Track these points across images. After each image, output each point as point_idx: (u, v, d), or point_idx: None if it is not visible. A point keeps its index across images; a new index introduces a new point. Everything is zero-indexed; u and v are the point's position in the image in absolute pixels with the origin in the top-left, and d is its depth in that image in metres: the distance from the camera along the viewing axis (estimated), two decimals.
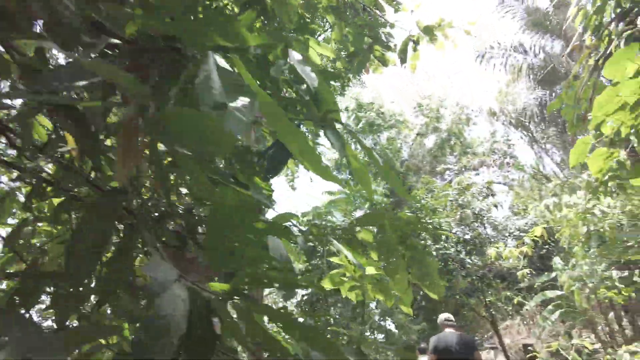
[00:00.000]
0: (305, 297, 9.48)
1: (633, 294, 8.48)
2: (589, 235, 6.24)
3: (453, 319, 5.00)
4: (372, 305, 11.18)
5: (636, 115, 2.70)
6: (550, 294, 9.71)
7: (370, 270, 1.93)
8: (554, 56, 19.00)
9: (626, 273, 8.99)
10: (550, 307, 9.48)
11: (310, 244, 1.58)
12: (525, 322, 18.46)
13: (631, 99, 2.62)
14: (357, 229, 1.76)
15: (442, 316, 5.09)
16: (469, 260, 11.83)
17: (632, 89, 2.47)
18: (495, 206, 12.65)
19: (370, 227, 1.76)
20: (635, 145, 5.28)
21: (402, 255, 1.70)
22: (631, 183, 2.66)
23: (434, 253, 12.15)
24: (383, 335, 9.85)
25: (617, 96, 2.37)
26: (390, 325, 10.37)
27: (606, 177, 5.75)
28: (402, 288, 1.80)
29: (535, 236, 6.87)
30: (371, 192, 1.44)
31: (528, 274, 8.80)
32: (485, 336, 19.95)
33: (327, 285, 1.95)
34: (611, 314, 11.00)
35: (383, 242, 1.68)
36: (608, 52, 3.59)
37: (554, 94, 19.43)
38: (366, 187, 1.50)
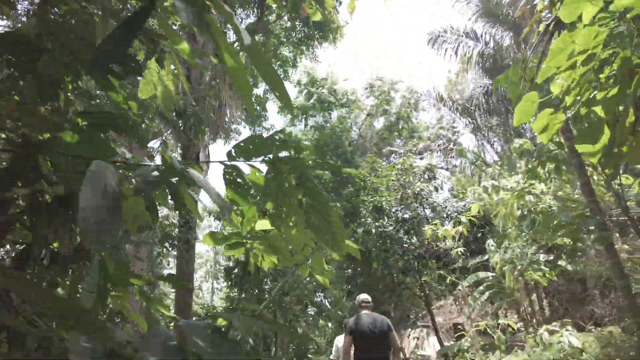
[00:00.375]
0: (236, 270, 9.06)
1: (555, 277, 8.84)
2: (523, 216, 6.25)
3: (370, 301, 4.96)
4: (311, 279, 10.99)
5: (581, 77, 2.44)
6: (482, 274, 9.92)
7: (262, 225, 1.50)
8: (504, 47, 19.36)
9: (552, 257, 9.36)
10: (481, 287, 9.69)
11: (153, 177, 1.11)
12: (457, 303, 19.21)
13: (580, 58, 2.34)
14: (242, 165, 1.31)
15: (360, 297, 5.04)
16: (406, 240, 11.87)
17: (585, 40, 2.19)
18: (436, 188, 12.75)
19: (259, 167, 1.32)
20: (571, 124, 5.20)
21: (299, 202, 1.28)
22: (577, 149, 2.41)
23: (373, 231, 12.08)
24: (315, 310, 9.65)
25: (572, 43, 2.08)
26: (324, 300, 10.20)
27: (544, 158, 5.72)
28: (300, 245, 1.37)
29: (472, 215, 6.82)
30: (250, 103, 1.00)
31: (462, 254, 8.88)
32: (420, 315, 20.61)
33: (206, 242, 1.50)
34: (534, 296, 11.55)
35: (273, 183, 1.25)
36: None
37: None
38: (244, 95, 1.04)
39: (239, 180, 1.36)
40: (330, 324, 16.12)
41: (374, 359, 4.56)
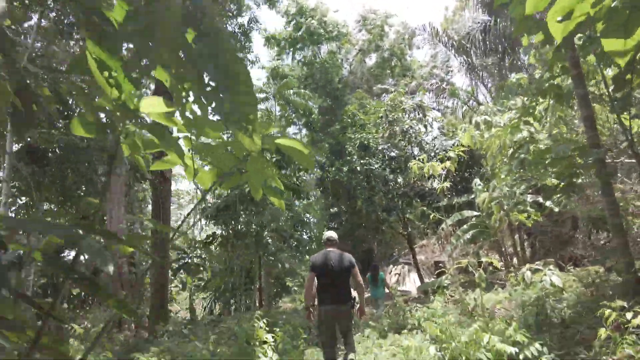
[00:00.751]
0: (215, 204, 8.72)
1: (541, 219, 8.65)
2: (514, 152, 5.84)
3: (335, 238, 4.96)
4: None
5: None
6: (467, 213, 9.73)
7: (152, 105, 0.99)
8: None
9: (539, 198, 9.14)
10: (465, 226, 9.54)
11: None
12: (439, 242, 19.47)
13: None
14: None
15: (325, 235, 5.05)
16: (392, 179, 11.53)
17: None
18: (425, 126, 12.23)
19: None
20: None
21: (187, 51, 0.77)
22: (604, 47, 1.90)
23: (358, 169, 11.72)
24: (295, 245, 9.47)
25: None
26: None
27: (546, 86, 5.19)
28: (199, 130, 0.88)
29: (461, 149, 6.39)
30: None
31: (448, 190, 8.58)
32: (402, 253, 20.98)
33: (78, 132, 0.99)
34: (516, 236, 11.53)
35: (140, 17, 0.73)
36: None
37: (498, 20, 18.82)
38: None
39: (99, 22, 0.83)
40: None
41: (335, 293, 4.63)
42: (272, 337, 4.25)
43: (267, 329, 4.42)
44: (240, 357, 3.85)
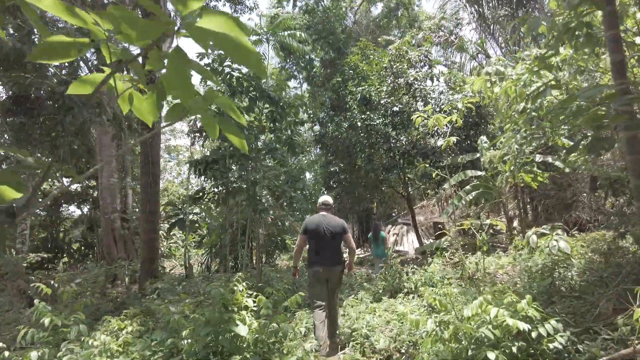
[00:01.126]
0: (204, 158, 8.24)
1: (547, 181, 8.18)
2: (534, 98, 5.23)
3: (329, 203, 4.99)
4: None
5: None
6: (470, 173, 9.21)
7: None
8: None
9: (549, 159, 8.61)
10: (468, 187, 9.05)
11: None
12: (440, 203, 19.10)
13: None
14: None
15: (320, 199, 5.06)
16: (394, 136, 10.88)
17: None
18: (432, 79, 11.42)
19: None
20: None
21: None
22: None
23: (359, 124, 11.05)
24: (288, 202, 9.05)
25: None
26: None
27: (573, 25, 4.52)
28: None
29: (470, 100, 5.77)
30: None
31: (454, 145, 8.01)
32: (402, 213, 20.70)
33: None
34: (519, 199, 11.10)
35: None
36: None
37: None
38: None
39: None
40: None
41: (326, 257, 4.64)
42: (254, 302, 3.85)
43: (249, 292, 4.02)
44: (216, 324, 3.46)
